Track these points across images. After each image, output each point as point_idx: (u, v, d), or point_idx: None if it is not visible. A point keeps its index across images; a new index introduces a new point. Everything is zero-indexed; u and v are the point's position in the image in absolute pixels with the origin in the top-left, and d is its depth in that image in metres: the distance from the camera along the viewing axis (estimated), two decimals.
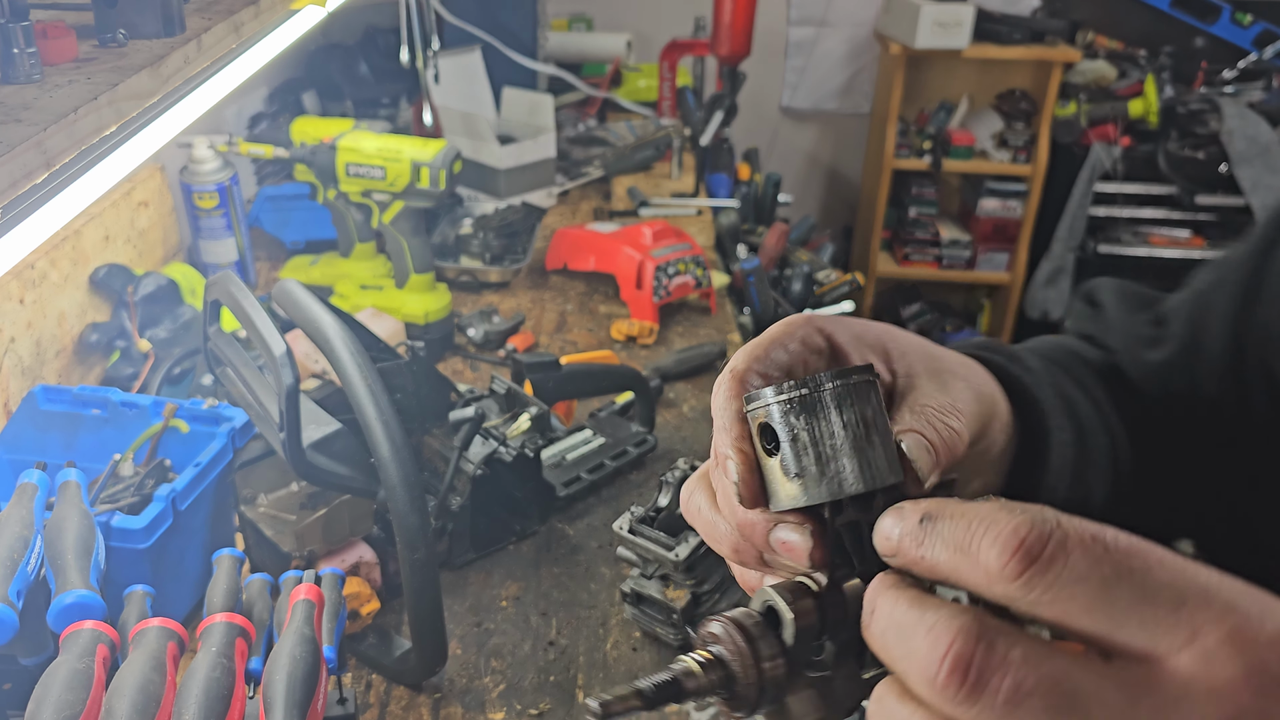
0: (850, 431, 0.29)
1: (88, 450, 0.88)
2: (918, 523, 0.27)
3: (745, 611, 0.29)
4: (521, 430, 0.99)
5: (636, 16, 2.89)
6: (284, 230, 1.54)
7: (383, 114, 1.93)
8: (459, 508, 0.92)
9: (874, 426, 0.29)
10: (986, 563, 0.25)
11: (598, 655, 0.85)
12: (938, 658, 0.24)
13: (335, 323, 0.74)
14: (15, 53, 0.66)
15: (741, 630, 0.29)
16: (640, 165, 2.00)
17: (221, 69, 0.98)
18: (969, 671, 0.24)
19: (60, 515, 0.70)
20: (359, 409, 0.70)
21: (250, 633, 0.68)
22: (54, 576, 0.66)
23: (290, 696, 0.62)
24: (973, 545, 0.25)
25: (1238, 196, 2.73)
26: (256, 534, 0.84)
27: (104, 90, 0.68)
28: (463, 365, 1.32)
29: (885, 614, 0.27)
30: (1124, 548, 0.24)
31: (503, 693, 0.80)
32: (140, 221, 1.31)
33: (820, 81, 3.12)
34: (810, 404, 0.29)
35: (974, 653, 0.24)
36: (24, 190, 0.60)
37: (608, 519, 1.00)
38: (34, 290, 1.06)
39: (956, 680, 0.24)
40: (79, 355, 1.14)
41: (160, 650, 0.62)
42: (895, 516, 0.28)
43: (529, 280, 1.55)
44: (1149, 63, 2.85)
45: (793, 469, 0.29)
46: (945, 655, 0.24)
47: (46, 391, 0.92)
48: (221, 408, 0.89)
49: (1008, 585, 0.24)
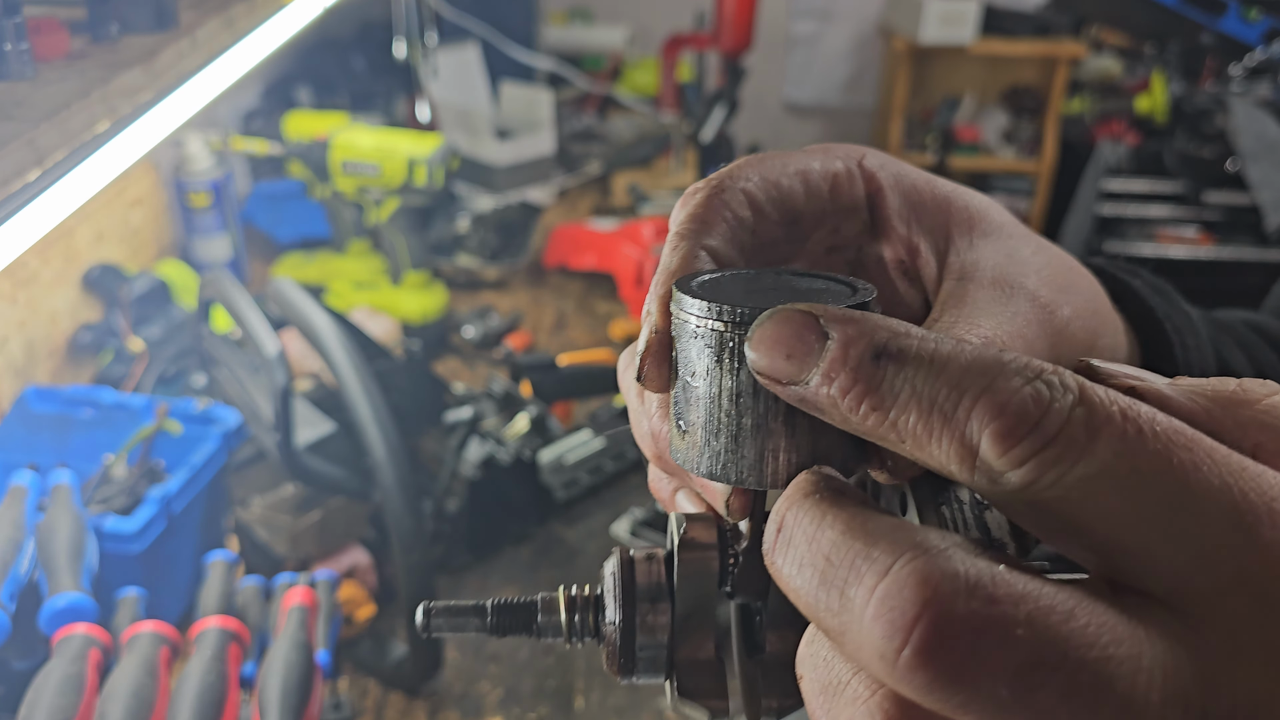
0: (763, 402, 0.19)
1: (80, 451, 0.87)
2: (871, 358, 0.18)
3: (650, 553, 0.23)
4: (519, 431, 0.98)
5: (636, 10, 2.87)
6: (278, 227, 1.53)
7: (378, 109, 1.92)
8: (455, 511, 0.91)
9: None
10: (974, 436, 0.16)
11: (596, 660, 0.84)
12: (894, 630, 0.15)
13: (329, 322, 0.73)
14: (7, 49, 0.66)
15: (627, 572, 0.23)
16: (640, 161, 1.98)
17: (215, 64, 0.96)
18: (946, 650, 0.15)
19: (52, 517, 0.69)
20: (354, 410, 0.69)
21: (244, 637, 0.67)
22: (46, 579, 0.65)
23: (284, 702, 0.61)
24: (959, 409, 0.17)
25: (1245, 194, 2.71)
26: (250, 537, 0.84)
27: (96, 86, 0.67)
28: (459, 365, 1.31)
29: (801, 542, 0.17)
30: (1170, 434, 0.16)
31: (500, 698, 0.80)
32: (133, 219, 1.30)
33: (823, 76, 3.11)
34: (721, 345, 0.20)
35: (955, 621, 0.15)
36: (16, 188, 0.59)
37: (607, 522, 0.99)
38: (26, 289, 1.05)
39: (925, 664, 0.15)
40: (71, 355, 1.13)
41: (153, 654, 0.62)
42: (813, 338, 0.18)
43: (527, 278, 1.54)
44: (1156, 59, 2.84)
45: (681, 419, 0.21)
46: (908, 628, 0.15)
47: (38, 392, 0.91)
48: (215, 409, 0.88)
49: (998, 466, 0.16)
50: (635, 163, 1.98)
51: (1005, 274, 0.26)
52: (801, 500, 0.18)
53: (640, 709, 0.79)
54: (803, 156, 0.26)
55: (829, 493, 0.18)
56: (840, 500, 0.18)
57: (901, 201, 0.27)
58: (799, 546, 0.18)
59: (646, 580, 0.23)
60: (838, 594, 0.16)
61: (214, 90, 0.97)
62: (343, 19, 2.12)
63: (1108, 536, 0.16)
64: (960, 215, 0.27)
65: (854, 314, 0.18)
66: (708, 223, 0.24)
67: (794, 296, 0.21)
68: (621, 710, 0.79)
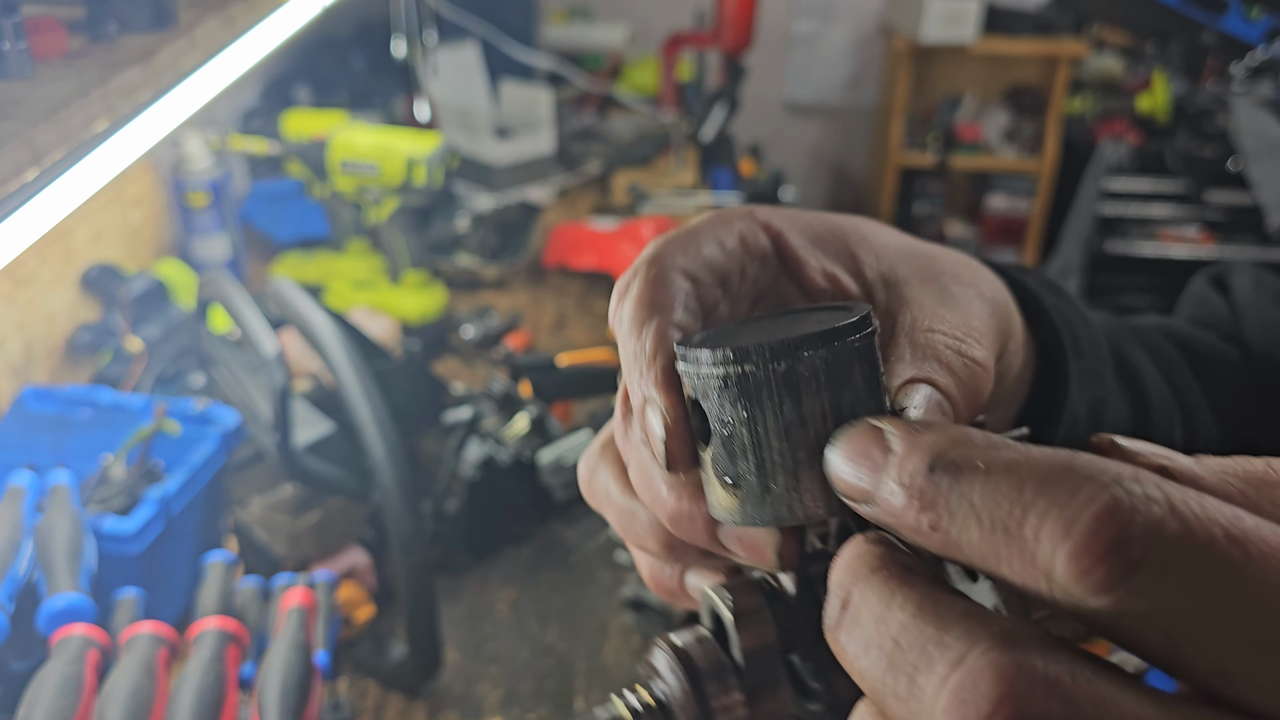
0: (813, 430, 0.19)
1: (78, 452, 0.87)
2: (926, 470, 0.17)
3: (698, 634, 0.22)
4: (518, 432, 0.98)
5: (636, 8, 2.87)
6: (276, 227, 1.52)
7: (377, 108, 1.92)
8: (455, 511, 0.91)
9: (855, 416, 0.20)
10: (1045, 558, 0.15)
11: (596, 662, 0.84)
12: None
13: (328, 322, 0.73)
14: (5, 48, 0.66)
15: (686, 663, 0.22)
16: (640, 160, 1.98)
17: (214, 63, 0.96)
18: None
19: (50, 518, 0.69)
20: (352, 410, 0.69)
21: (243, 638, 0.67)
22: (44, 580, 0.65)
23: (284, 703, 0.61)
24: (1025, 527, 0.15)
25: (1247, 193, 2.71)
26: (249, 537, 0.83)
27: (95, 85, 0.67)
28: (458, 365, 1.31)
29: (868, 622, 0.17)
30: (1263, 542, 0.14)
31: (500, 699, 0.80)
32: (132, 219, 1.30)
33: (824, 75, 3.10)
34: (750, 387, 0.19)
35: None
36: (14, 188, 0.59)
37: (606, 522, 0.99)
38: (24, 289, 1.05)
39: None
40: (69, 355, 1.13)
41: (152, 655, 0.62)
42: (879, 452, 0.17)
43: (526, 278, 1.54)
44: (1157, 58, 2.83)
45: (726, 474, 0.21)
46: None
47: (37, 392, 0.91)
48: (213, 409, 0.88)
49: (1078, 592, 0.15)
50: (635, 162, 1.97)
51: (927, 271, 0.26)
52: (869, 577, 0.17)
53: None
54: (706, 227, 0.26)
55: (897, 568, 0.17)
56: (910, 578, 0.17)
57: (801, 237, 0.27)
58: (865, 626, 0.17)
59: (708, 664, 0.22)
60: (906, 680, 0.15)
61: (213, 89, 0.96)
62: (342, 18, 2.11)
63: (1204, 656, 0.14)
64: (854, 236, 0.28)
65: (914, 424, 0.18)
66: (661, 303, 0.24)
67: (799, 329, 0.20)
68: None
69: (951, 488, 0.16)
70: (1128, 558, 0.14)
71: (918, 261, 0.27)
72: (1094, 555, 0.14)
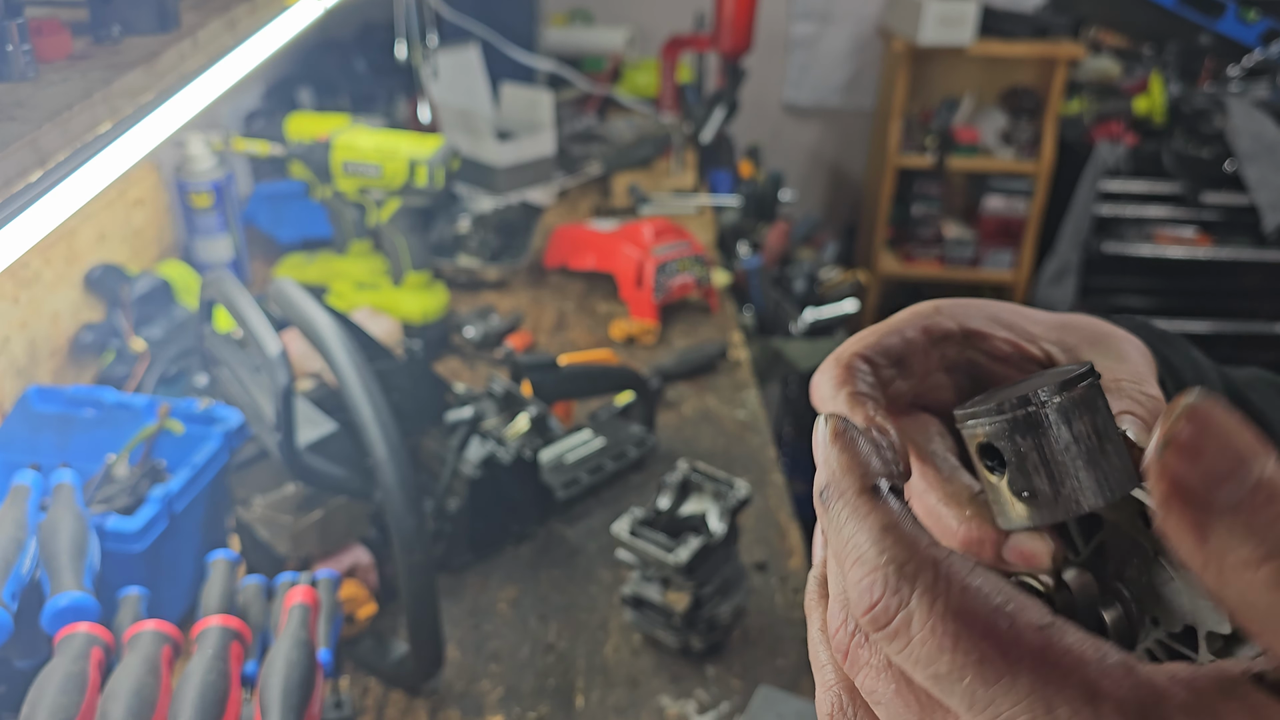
0: (1082, 445, 0.27)
1: (82, 451, 0.87)
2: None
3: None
4: (520, 431, 0.98)
5: (636, 11, 2.88)
6: (279, 228, 1.53)
7: (379, 110, 1.92)
8: (456, 510, 0.91)
9: (1105, 434, 0.27)
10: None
11: (597, 659, 0.84)
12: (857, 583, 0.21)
13: (331, 322, 0.73)
14: (9, 50, 0.66)
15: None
16: (640, 162, 1.98)
17: (217, 65, 0.97)
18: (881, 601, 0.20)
19: (54, 517, 0.69)
20: (355, 410, 0.70)
21: (245, 636, 0.67)
22: (48, 578, 0.65)
23: (286, 700, 0.61)
24: None
25: (1243, 194, 2.71)
26: (252, 536, 0.84)
27: (98, 87, 0.67)
28: (460, 365, 1.31)
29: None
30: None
31: (501, 697, 0.80)
32: (135, 220, 1.30)
33: (823, 77, 3.11)
34: (1036, 421, 0.27)
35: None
36: (18, 189, 0.60)
37: (607, 521, 1.00)
38: (28, 290, 1.05)
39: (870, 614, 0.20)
40: (73, 355, 1.13)
41: (155, 653, 0.62)
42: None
43: (527, 279, 1.54)
44: (1154, 60, 2.84)
45: (1023, 490, 0.28)
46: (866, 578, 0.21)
47: (40, 392, 0.91)
48: (216, 408, 0.88)
49: None
50: (635, 163, 1.98)
51: (1091, 338, 0.32)
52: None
53: (640, 708, 0.80)
54: (888, 322, 0.32)
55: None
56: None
57: (980, 316, 0.33)
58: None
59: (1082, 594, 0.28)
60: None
61: (216, 91, 0.97)
62: (344, 20, 2.12)
63: None
64: (1016, 314, 0.34)
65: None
66: (854, 386, 0.30)
67: (1052, 381, 0.27)
68: (621, 709, 0.79)
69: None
70: None
71: (1081, 330, 0.34)
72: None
